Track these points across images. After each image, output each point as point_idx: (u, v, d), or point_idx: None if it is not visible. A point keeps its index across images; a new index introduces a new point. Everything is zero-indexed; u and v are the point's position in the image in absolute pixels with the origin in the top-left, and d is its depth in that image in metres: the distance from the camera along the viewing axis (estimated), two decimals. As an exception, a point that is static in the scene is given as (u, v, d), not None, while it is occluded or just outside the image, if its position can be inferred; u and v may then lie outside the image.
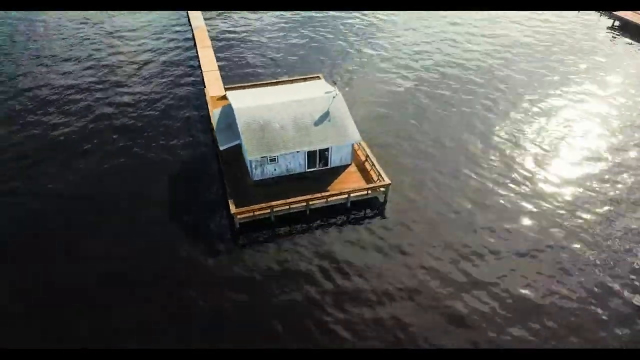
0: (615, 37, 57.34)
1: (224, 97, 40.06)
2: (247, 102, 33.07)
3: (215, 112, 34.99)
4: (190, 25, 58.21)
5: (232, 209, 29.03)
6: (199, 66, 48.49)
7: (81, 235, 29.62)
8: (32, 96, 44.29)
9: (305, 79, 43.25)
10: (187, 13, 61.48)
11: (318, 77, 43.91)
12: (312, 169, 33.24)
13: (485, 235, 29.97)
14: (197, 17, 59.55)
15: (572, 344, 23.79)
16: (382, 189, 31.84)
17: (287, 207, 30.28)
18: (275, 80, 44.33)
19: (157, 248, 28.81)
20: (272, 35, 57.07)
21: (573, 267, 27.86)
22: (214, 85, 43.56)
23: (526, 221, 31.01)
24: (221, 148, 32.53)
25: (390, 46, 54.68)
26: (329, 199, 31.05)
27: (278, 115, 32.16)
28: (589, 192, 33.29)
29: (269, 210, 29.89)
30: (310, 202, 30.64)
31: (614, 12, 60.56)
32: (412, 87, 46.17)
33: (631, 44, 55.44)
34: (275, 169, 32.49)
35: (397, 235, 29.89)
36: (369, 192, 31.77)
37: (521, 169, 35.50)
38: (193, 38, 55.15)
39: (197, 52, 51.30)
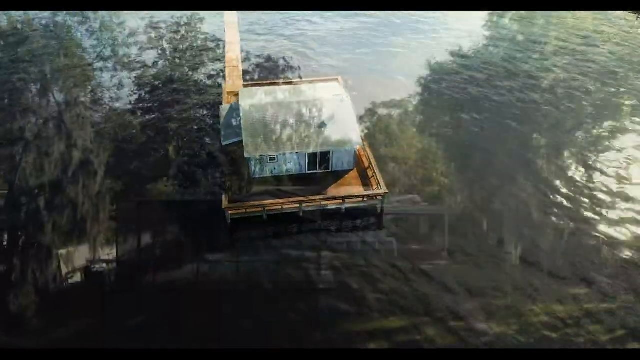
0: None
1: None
2: (254, 99, 33.44)
3: (223, 108, 35.66)
4: (223, 19, 59.43)
5: (224, 203, 29.53)
6: (224, 61, 49.44)
7: (78, 231, 30.06)
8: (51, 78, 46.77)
9: (322, 81, 43.10)
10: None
11: (336, 80, 43.66)
12: (313, 171, 33.19)
13: (486, 241, 29.45)
14: (230, 12, 60.67)
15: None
16: (378, 197, 31.30)
17: (280, 207, 30.42)
18: (292, 80, 44.56)
19: (151, 240, 29.70)
20: (299, 36, 57.25)
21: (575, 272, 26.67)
22: (233, 81, 44.27)
23: (541, 235, 30.12)
24: (223, 143, 33.12)
25: (419, 48, 53.71)
26: (322, 203, 30.91)
27: (282, 115, 32.31)
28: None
29: (261, 209, 30.14)
30: (304, 204, 30.61)
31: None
32: (426, 92, 45.14)
33: None
34: (274, 168, 32.68)
35: (392, 241, 29.58)
36: (365, 199, 31.33)
37: (550, 189, 33.71)
38: (224, 32, 56.29)
39: (225, 46, 52.36)
